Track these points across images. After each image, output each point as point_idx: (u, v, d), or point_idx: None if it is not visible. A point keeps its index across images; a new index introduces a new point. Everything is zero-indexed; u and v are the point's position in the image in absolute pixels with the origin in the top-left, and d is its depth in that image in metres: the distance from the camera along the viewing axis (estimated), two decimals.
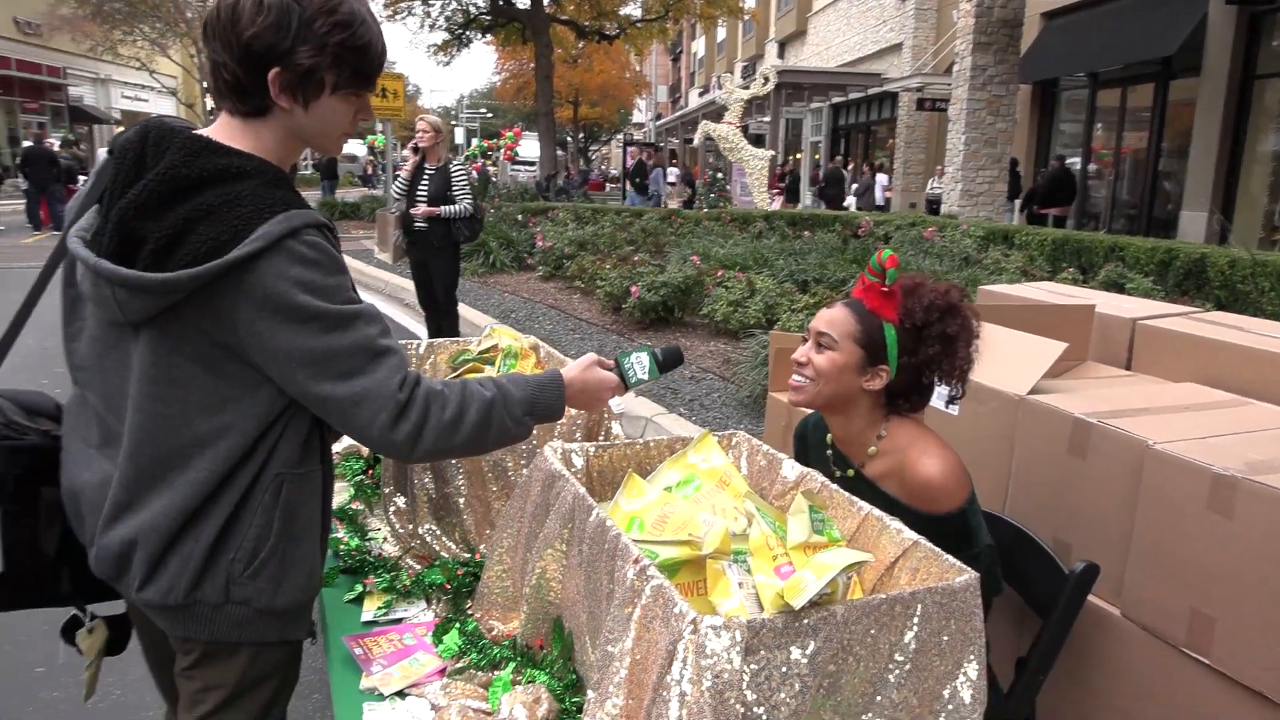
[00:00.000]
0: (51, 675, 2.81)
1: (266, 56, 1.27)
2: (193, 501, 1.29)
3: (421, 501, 1.82)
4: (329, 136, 1.40)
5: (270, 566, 1.33)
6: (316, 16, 1.28)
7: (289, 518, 1.34)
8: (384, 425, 1.27)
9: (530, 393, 1.43)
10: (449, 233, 5.94)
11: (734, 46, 34.90)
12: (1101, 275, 7.81)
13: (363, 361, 1.26)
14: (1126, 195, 14.20)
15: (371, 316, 1.30)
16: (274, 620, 1.36)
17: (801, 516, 1.16)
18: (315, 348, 1.24)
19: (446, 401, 1.33)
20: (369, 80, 1.37)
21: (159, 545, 1.30)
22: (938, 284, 1.73)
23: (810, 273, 7.87)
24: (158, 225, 1.21)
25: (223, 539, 1.31)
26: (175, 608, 1.32)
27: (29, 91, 28.83)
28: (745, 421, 5.15)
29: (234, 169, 1.26)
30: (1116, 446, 1.90)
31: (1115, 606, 1.91)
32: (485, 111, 59.38)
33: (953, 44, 15.50)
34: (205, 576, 1.31)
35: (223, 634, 1.34)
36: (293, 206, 1.26)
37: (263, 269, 1.21)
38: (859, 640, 0.99)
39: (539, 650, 1.38)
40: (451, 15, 21.16)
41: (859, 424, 1.73)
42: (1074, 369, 2.57)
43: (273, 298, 1.21)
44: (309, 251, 1.24)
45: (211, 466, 1.29)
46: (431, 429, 1.31)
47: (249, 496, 1.31)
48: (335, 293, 1.26)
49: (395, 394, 1.27)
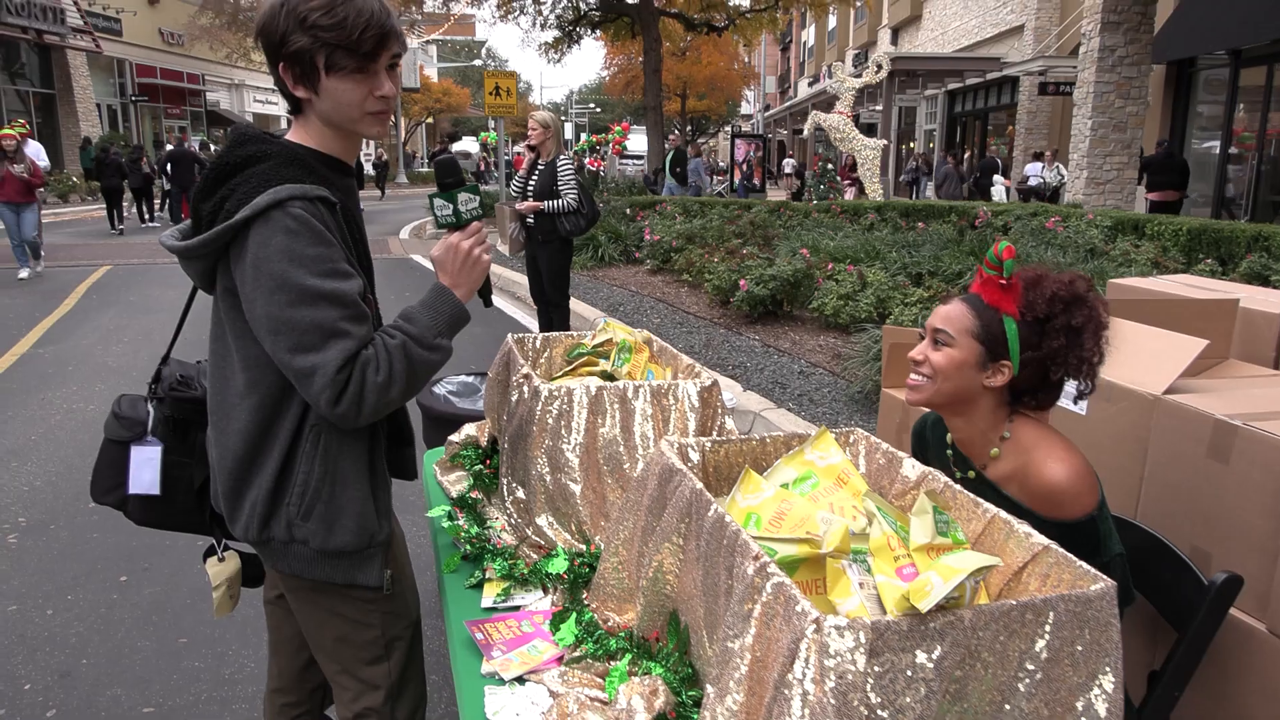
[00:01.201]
0: (193, 646, 3.00)
1: (274, 54, 1.44)
2: (243, 447, 1.49)
3: (538, 493, 1.86)
4: (350, 118, 1.49)
5: (318, 509, 1.50)
6: (300, 5, 1.39)
7: (330, 464, 1.50)
8: (328, 401, 1.38)
9: (429, 315, 1.50)
10: (554, 227, 6.04)
11: (845, 34, 34.17)
12: (1243, 267, 7.33)
13: (317, 339, 1.37)
14: (1271, 181, 13.27)
15: (338, 298, 1.38)
16: (335, 562, 1.55)
17: (925, 517, 1.13)
18: (279, 317, 1.36)
19: (379, 364, 1.42)
20: (361, 54, 1.42)
21: (230, 486, 1.52)
22: (1061, 274, 1.65)
23: (924, 265, 7.66)
24: (207, 204, 1.44)
25: (280, 483, 1.50)
26: (257, 543, 1.55)
27: (171, 98, 30.79)
28: (856, 417, 5.05)
29: (260, 154, 1.43)
30: (1264, 451, 1.79)
31: (1261, 622, 1.80)
32: (594, 106, 59.99)
33: (1078, 24, 14.79)
34: (272, 517, 1.51)
35: (297, 569, 1.55)
36: (292, 182, 1.38)
37: (252, 236, 1.37)
38: (987, 646, 0.96)
39: (655, 643, 1.40)
40: (562, 13, 21.43)
41: (981, 424, 1.67)
42: (1215, 367, 2.42)
43: (258, 262, 1.36)
44: (291, 222, 1.36)
45: (250, 416, 1.48)
46: (370, 393, 1.40)
47: (295, 445, 1.49)
48: (316, 262, 1.37)
49: (335, 375, 1.37)
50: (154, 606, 3.26)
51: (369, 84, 1.46)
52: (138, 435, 1.73)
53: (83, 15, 24.30)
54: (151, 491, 1.72)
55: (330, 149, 1.53)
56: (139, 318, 8.48)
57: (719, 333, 7.21)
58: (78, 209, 20.74)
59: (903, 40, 28.24)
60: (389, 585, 1.63)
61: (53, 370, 6.59)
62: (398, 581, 1.68)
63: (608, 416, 1.84)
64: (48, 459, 4.65)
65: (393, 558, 1.67)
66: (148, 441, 1.73)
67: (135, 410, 1.76)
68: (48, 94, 24.33)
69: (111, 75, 27.87)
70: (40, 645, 3.00)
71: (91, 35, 24.60)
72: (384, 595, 1.63)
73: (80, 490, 4.29)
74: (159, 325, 8.10)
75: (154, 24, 29.32)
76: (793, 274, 7.39)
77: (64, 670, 2.87)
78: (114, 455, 1.75)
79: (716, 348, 6.71)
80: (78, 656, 2.94)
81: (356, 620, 1.62)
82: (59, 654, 2.95)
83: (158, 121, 30.16)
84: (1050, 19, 19.16)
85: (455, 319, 1.53)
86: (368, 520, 1.55)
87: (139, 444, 1.72)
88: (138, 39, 28.22)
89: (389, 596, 1.64)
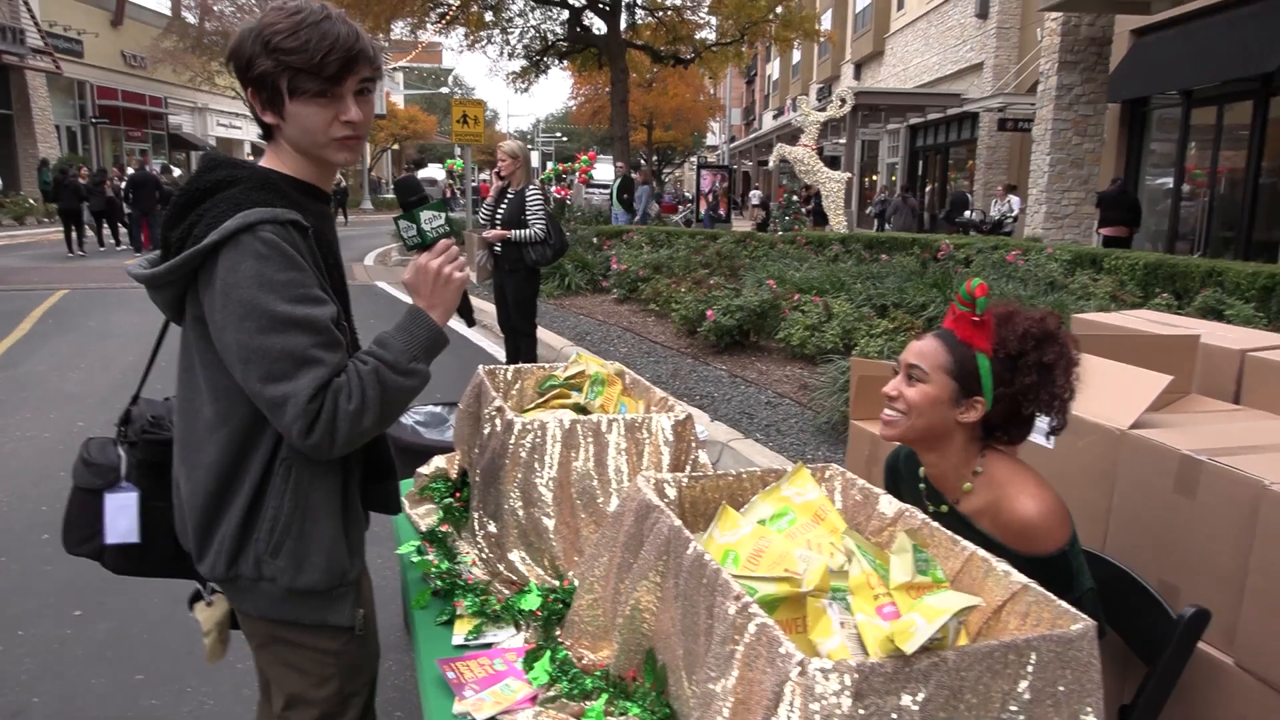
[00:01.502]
0: (150, 683, 2.91)
1: (242, 76, 1.42)
2: (212, 483, 1.44)
3: (511, 527, 1.84)
4: (316, 143, 1.46)
5: (288, 545, 1.45)
6: (264, 30, 1.38)
7: (301, 499, 1.45)
8: (300, 432, 1.34)
9: (403, 339, 1.45)
10: (521, 256, 6.04)
11: (809, 68, 34.76)
12: (1198, 301, 7.51)
13: (289, 367, 1.32)
14: (1223, 217, 13.65)
15: (310, 324, 1.34)
16: (305, 601, 1.49)
17: (905, 555, 1.13)
18: (249, 345, 1.32)
19: (351, 392, 1.37)
20: (325, 78, 1.39)
21: (198, 523, 1.47)
22: (1032, 311, 1.68)
23: (889, 297, 7.74)
24: (175, 231, 1.41)
25: (249, 519, 1.45)
26: (223, 581, 1.51)
27: (133, 120, 30.44)
28: (824, 448, 5.07)
29: (230, 179, 1.40)
30: (1229, 486, 1.82)
31: (1228, 655, 1.82)
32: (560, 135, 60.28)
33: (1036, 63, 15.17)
34: (240, 554, 1.46)
35: (263, 609, 1.50)
36: (262, 205, 1.35)
37: (221, 261, 1.33)
38: (971, 688, 0.96)
39: (631, 682, 1.38)
40: (530, 43, 21.58)
41: (954, 459, 1.68)
42: (1177, 402, 2.47)
43: (226, 288, 1.33)
44: (260, 246, 1.33)
45: (219, 449, 1.43)
46: (342, 421, 1.35)
47: (266, 479, 1.44)
48: (287, 288, 1.34)
49: (307, 404, 1.33)
50: (109, 642, 3.16)
51: (334, 108, 1.42)
52: (110, 482, 1.65)
53: (43, 36, 24.01)
54: (130, 540, 1.64)
55: (304, 174, 1.50)
56: (97, 343, 8.31)
57: (686, 362, 7.23)
58: (34, 231, 20.38)
59: (865, 75, 28.78)
60: (360, 625, 1.58)
61: (6, 396, 6.42)
62: (366, 626, 1.62)
63: (581, 450, 1.83)
64: (0, 488, 4.52)
65: (362, 601, 1.62)
66: (122, 488, 1.65)
67: (105, 455, 1.67)
68: (5, 114, 23.93)
69: (71, 97, 27.50)
70: None
71: (52, 56, 24.30)
72: (351, 638, 1.57)
73: (33, 521, 4.16)
74: (117, 350, 7.95)
75: (116, 46, 29.04)
76: (759, 304, 7.44)
77: (15, 709, 2.76)
78: (86, 503, 1.67)
79: (684, 377, 6.71)
80: (29, 694, 2.84)
81: (314, 674, 1.55)
82: (9, 692, 2.85)
83: (118, 144, 29.78)
84: (1009, 57, 19.65)
85: (432, 342, 1.47)
86: (338, 558, 1.50)
87: (113, 491, 1.64)
88: (99, 60, 27.92)
89: (355, 640, 1.58)
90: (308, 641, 1.53)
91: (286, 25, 1.36)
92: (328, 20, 1.39)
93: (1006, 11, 19.48)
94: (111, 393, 6.55)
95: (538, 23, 21.72)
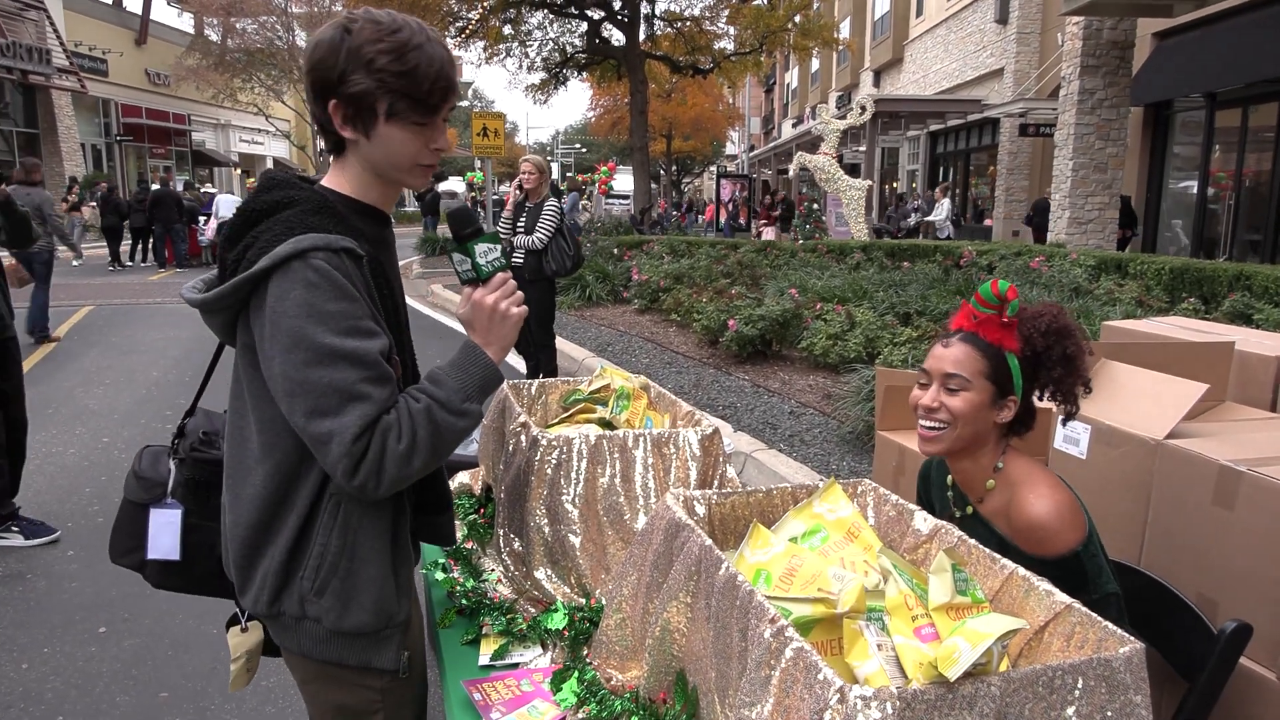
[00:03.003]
0: (175, 702, 2.91)
1: (325, 89, 1.34)
2: (256, 515, 1.38)
3: (536, 545, 1.81)
4: (399, 167, 1.40)
5: (334, 585, 1.38)
6: (364, 45, 1.31)
7: (349, 537, 1.38)
8: (345, 472, 1.27)
9: (457, 378, 1.38)
10: (539, 266, 6.05)
11: (828, 76, 34.70)
12: (1226, 306, 7.40)
13: (335, 403, 1.26)
14: (1249, 220, 13.48)
15: (359, 358, 1.27)
16: (349, 643, 1.42)
17: (944, 575, 1.10)
18: (295, 378, 1.26)
19: (401, 432, 1.30)
20: (427, 106, 1.35)
21: (241, 555, 1.41)
22: (1041, 306, 1.72)
23: (912, 304, 7.69)
24: (231, 253, 1.35)
25: (294, 555, 1.39)
26: (267, 617, 1.44)
27: (157, 137, 30.87)
28: (849, 459, 5.03)
29: (286, 200, 1.34)
30: (1270, 497, 1.77)
31: (1271, 671, 1.77)
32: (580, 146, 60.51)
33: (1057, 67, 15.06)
34: (284, 591, 1.40)
35: (306, 649, 1.44)
36: (317, 230, 1.29)
37: (271, 288, 1.27)
38: (1016, 714, 0.92)
39: (662, 704, 1.35)
40: (549, 56, 21.69)
41: (984, 460, 1.69)
42: (1213, 410, 2.42)
43: (274, 317, 1.27)
44: (311, 274, 1.26)
45: (266, 482, 1.37)
46: (390, 463, 1.29)
47: (313, 515, 1.38)
48: (336, 319, 1.27)
49: (352, 444, 1.26)
50: (134, 659, 3.17)
51: (425, 136, 1.37)
52: (157, 497, 1.63)
53: (69, 56, 24.39)
54: (171, 557, 1.62)
55: (367, 196, 1.43)
56: (121, 358, 8.38)
57: (708, 373, 7.20)
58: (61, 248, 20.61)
59: (885, 82, 28.68)
60: (405, 669, 1.50)
61: (32, 414, 6.47)
62: (412, 664, 1.55)
63: (607, 466, 1.81)
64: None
65: (410, 639, 1.54)
66: (167, 504, 1.62)
67: (156, 469, 1.65)
68: (31, 133, 24.32)
69: (96, 115, 27.92)
70: (14, 701, 2.90)
71: (77, 75, 24.68)
72: (397, 681, 1.50)
73: (59, 538, 4.19)
74: (142, 366, 8.01)
75: (140, 64, 29.48)
76: (781, 314, 7.40)
77: None
78: (133, 516, 1.66)
79: (706, 388, 6.68)
80: (54, 713, 2.84)
81: (358, 712, 1.49)
82: (36, 709, 2.86)
83: (142, 161, 30.17)
84: (1029, 62, 19.52)
85: (486, 381, 1.40)
86: (387, 600, 1.42)
87: (158, 506, 1.62)
88: (124, 79, 28.35)
89: (400, 684, 1.51)
90: (351, 680, 1.47)
91: (391, 46, 1.30)
92: (430, 44, 1.33)
93: (1026, 16, 19.35)
94: (137, 408, 6.61)
95: (556, 35, 21.85)
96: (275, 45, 29.20)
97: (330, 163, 1.45)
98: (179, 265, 17.60)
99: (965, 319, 1.69)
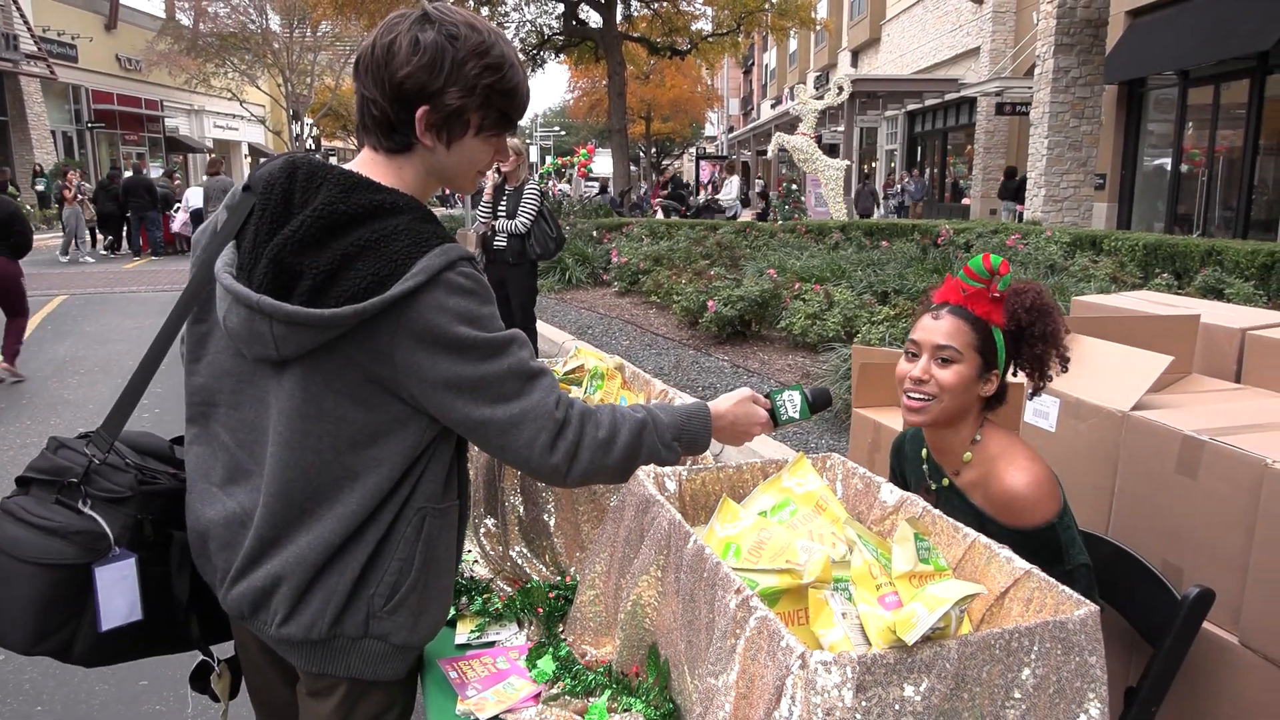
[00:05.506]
0: (153, 689, 2.91)
1: (417, 95, 1.28)
2: (339, 536, 1.29)
3: (512, 524, 1.83)
4: (466, 176, 1.40)
5: (410, 601, 1.34)
6: (469, 59, 1.27)
7: (429, 552, 1.34)
8: (544, 446, 1.29)
9: (679, 419, 1.44)
10: (523, 249, 6.05)
11: (806, 57, 34.66)
12: (1198, 281, 7.50)
13: (519, 385, 1.29)
14: (1221, 197, 13.62)
15: (522, 341, 1.32)
16: (407, 656, 1.40)
17: (907, 544, 1.12)
18: (472, 375, 1.26)
19: (600, 421, 1.34)
20: (512, 122, 1.37)
21: (304, 580, 1.30)
22: (1026, 284, 1.74)
23: (890, 283, 7.74)
24: (316, 261, 1.22)
25: (366, 573, 1.31)
26: (316, 642, 1.32)
27: (129, 124, 30.40)
28: (826, 437, 5.07)
29: (388, 204, 1.26)
30: (1231, 465, 1.81)
31: (1233, 634, 1.81)
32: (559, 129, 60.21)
33: (1033, 46, 15.12)
34: (347, 611, 1.31)
35: (357, 670, 1.34)
36: (446, 240, 1.28)
37: (423, 302, 1.22)
38: (974, 677, 0.95)
39: (635, 677, 1.37)
40: (526, 38, 21.53)
41: (964, 433, 1.72)
42: (1178, 383, 2.46)
43: (432, 329, 1.23)
44: (465, 282, 1.26)
45: (360, 500, 1.29)
46: (587, 448, 1.33)
47: (392, 530, 1.32)
48: (489, 321, 1.29)
49: (552, 412, 1.30)
50: None
51: (498, 145, 1.39)
52: (102, 551, 1.32)
53: (37, 42, 23.97)
54: (133, 618, 1.37)
55: (423, 196, 1.38)
56: (96, 348, 8.31)
57: (688, 354, 7.22)
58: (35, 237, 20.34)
59: (862, 62, 28.69)
60: None
61: (5, 404, 6.42)
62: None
63: None
64: None
65: None
66: (115, 555, 1.33)
67: (84, 520, 1.33)
68: (0, 121, 23.92)
69: (67, 101, 27.46)
70: None
71: (46, 61, 24.26)
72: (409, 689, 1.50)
73: None
74: (116, 356, 7.95)
75: (111, 50, 29.00)
76: (760, 294, 7.43)
77: (19, 718, 2.77)
78: (58, 586, 1.31)
79: (686, 369, 6.71)
80: (32, 703, 2.84)
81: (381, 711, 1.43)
82: (13, 701, 2.85)
83: (115, 148, 29.74)
84: (1005, 41, 19.58)
85: (697, 441, 1.46)
86: (448, 607, 1.44)
87: (103, 563, 1.32)
88: (94, 64, 27.87)
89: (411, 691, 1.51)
90: (386, 690, 1.42)
91: (495, 61, 1.29)
92: (517, 58, 1.35)
93: None
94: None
95: (533, 17, 21.68)
96: (249, 29, 28.79)
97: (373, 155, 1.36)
98: (154, 253, 17.42)
99: (952, 292, 1.70)
